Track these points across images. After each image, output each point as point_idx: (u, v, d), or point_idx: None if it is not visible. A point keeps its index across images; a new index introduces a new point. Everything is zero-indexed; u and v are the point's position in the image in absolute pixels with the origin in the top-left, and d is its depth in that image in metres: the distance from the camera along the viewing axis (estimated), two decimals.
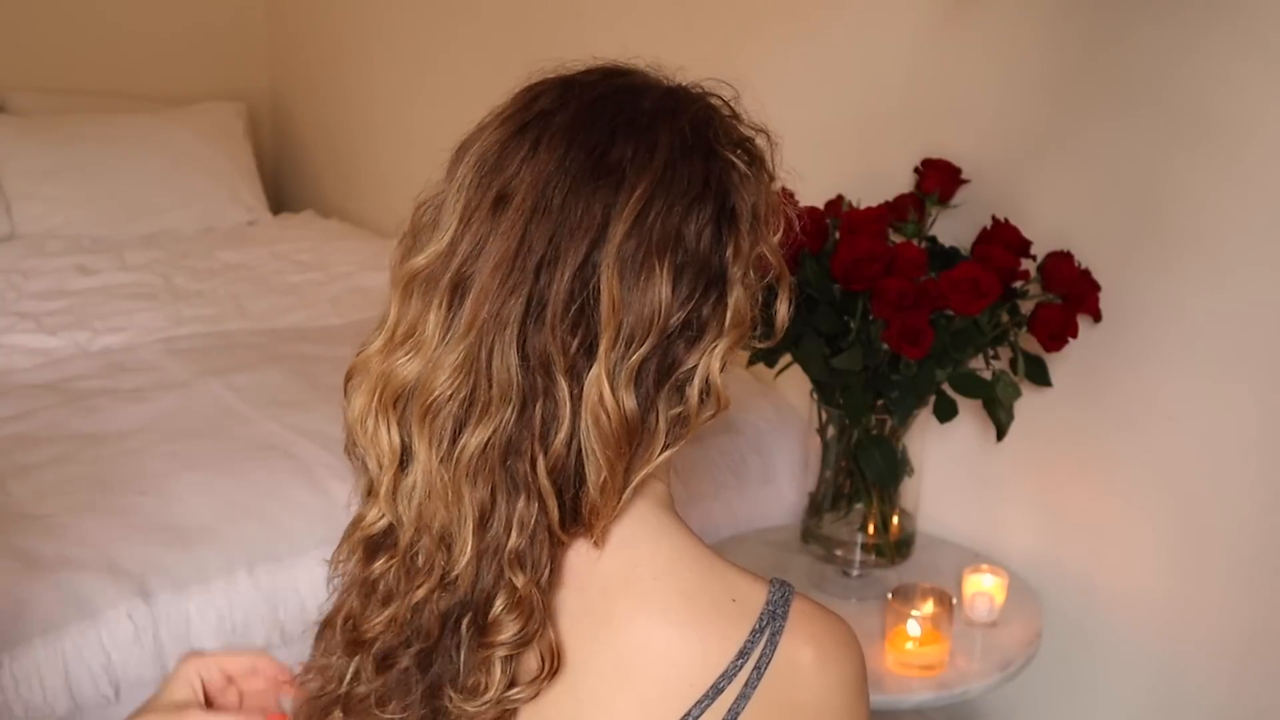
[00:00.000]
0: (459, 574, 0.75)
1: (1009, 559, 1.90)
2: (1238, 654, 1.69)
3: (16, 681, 1.49)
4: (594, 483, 0.74)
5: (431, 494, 0.75)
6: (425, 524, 0.76)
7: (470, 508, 0.74)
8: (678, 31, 2.29)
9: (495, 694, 0.75)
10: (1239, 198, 1.59)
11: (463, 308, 0.73)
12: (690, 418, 0.76)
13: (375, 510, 0.79)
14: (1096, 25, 1.71)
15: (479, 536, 0.74)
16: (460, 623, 0.75)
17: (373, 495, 0.79)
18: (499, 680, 0.75)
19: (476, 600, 0.75)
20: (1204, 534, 1.70)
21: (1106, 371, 1.77)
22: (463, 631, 0.75)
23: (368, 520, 0.79)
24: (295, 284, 2.82)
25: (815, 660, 0.77)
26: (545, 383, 0.72)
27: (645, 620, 0.77)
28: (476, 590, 0.75)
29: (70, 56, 3.42)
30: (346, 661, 0.80)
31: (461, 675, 0.76)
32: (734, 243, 0.75)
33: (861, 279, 1.60)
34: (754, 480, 2.11)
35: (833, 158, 1.94)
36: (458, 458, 0.73)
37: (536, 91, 0.78)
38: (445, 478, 0.74)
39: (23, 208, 3.07)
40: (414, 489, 0.75)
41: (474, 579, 0.74)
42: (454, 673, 0.76)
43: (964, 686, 1.63)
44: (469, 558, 0.74)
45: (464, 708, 0.76)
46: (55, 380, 2.20)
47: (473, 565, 0.74)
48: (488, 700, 0.75)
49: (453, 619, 0.76)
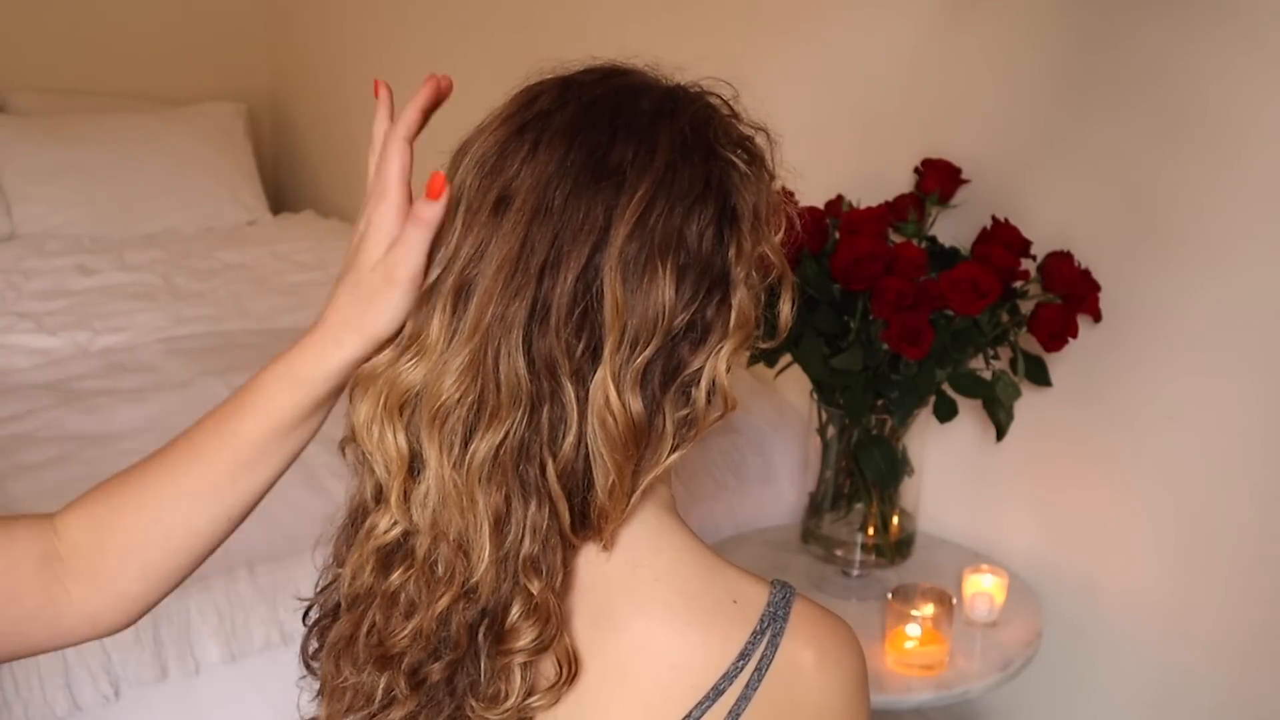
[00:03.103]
0: (479, 581, 0.73)
1: (1009, 559, 1.90)
2: (1238, 654, 1.69)
3: (16, 681, 1.49)
4: (602, 486, 0.73)
5: (446, 500, 0.73)
6: (442, 531, 0.74)
7: (485, 513, 0.73)
8: (677, 31, 2.29)
9: (515, 701, 0.75)
10: (1239, 197, 1.59)
11: (467, 311, 0.72)
12: (698, 419, 0.76)
13: (387, 519, 0.77)
14: (1096, 25, 1.71)
15: (496, 542, 0.73)
16: (478, 631, 0.75)
17: (383, 502, 0.77)
18: (519, 688, 0.74)
19: (494, 608, 0.74)
20: (1204, 534, 1.70)
21: (1106, 371, 1.77)
22: (479, 640, 0.75)
23: (380, 529, 0.77)
24: (295, 284, 2.82)
25: (816, 662, 0.76)
26: (552, 386, 0.72)
27: (646, 621, 0.77)
28: (494, 598, 0.74)
29: (70, 56, 3.42)
30: (377, 678, 0.78)
31: (482, 684, 0.75)
32: (736, 243, 0.75)
33: (861, 279, 1.60)
34: (754, 480, 2.11)
35: (833, 158, 1.94)
36: (469, 463, 0.72)
37: (535, 92, 0.77)
38: (459, 483, 0.73)
39: (23, 208, 3.08)
40: (427, 495, 0.74)
41: (493, 586, 0.74)
42: (474, 682, 0.75)
43: (964, 686, 1.63)
44: (487, 564, 0.73)
45: (486, 716, 0.75)
46: (55, 380, 2.20)
47: (490, 572, 0.73)
48: (508, 708, 0.75)
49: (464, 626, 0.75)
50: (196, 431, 0.79)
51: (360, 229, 0.78)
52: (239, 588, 1.67)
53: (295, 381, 0.76)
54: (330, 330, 0.76)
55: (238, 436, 0.77)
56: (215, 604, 1.64)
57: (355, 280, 0.76)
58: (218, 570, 1.67)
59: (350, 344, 0.75)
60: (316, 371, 0.76)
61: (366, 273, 0.75)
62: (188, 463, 0.78)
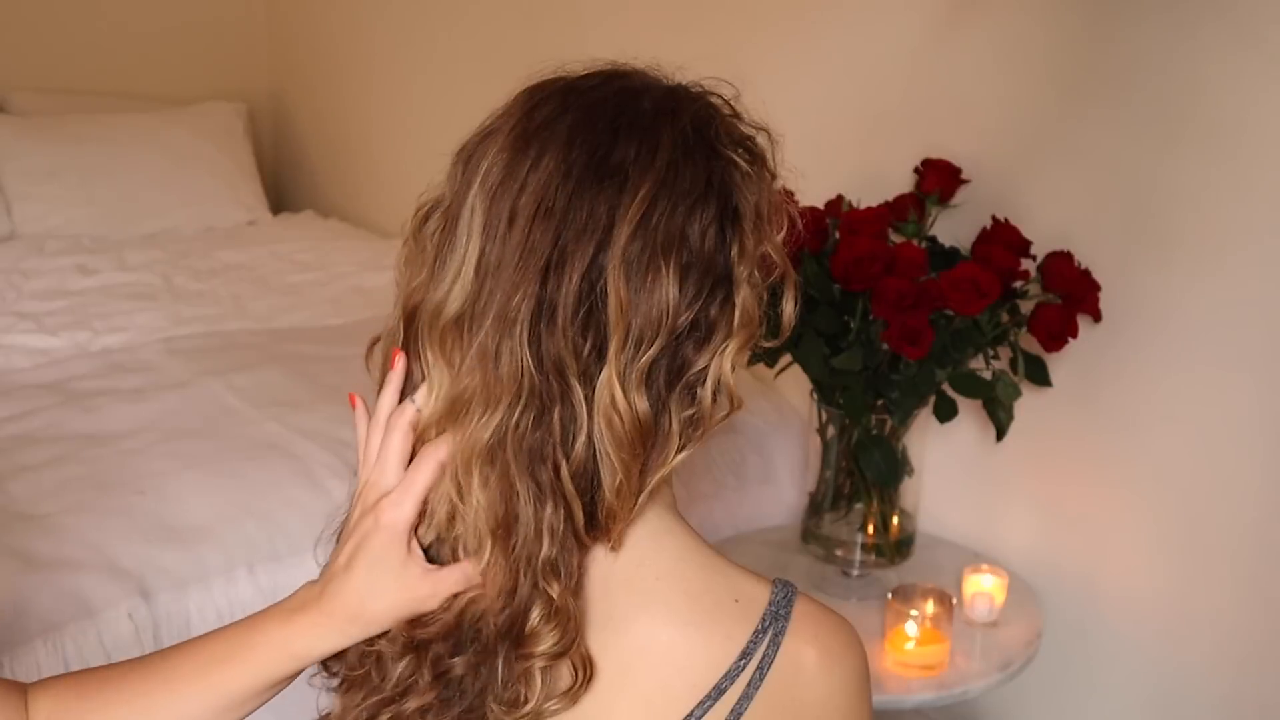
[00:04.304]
0: (486, 579, 0.74)
1: (1009, 559, 1.90)
2: (1238, 654, 1.69)
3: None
4: (610, 486, 0.73)
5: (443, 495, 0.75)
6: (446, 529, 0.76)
7: (481, 506, 0.73)
8: (677, 31, 2.29)
9: (534, 705, 0.75)
10: (1238, 197, 1.59)
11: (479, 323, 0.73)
12: (704, 419, 0.76)
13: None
14: (1095, 25, 1.71)
15: (501, 543, 0.73)
16: (500, 633, 0.75)
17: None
18: (538, 691, 0.75)
19: (515, 610, 0.74)
20: (1204, 533, 1.70)
21: (1106, 371, 1.77)
22: (499, 642, 0.75)
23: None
24: (295, 284, 2.82)
25: (818, 660, 0.77)
26: (561, 387, 0.72)
27: (648, 620, 0.77)
28: (515, 600, 0.74)
29: (70, 56, 3.42)
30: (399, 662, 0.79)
31: (499, 687, 0.75)
32: (738, 242, 0.75)
33: (861, 279, 1.60)
34: (754, 480, 2.11)
35: (833, 158, 1.94)
36: (466, 452, 0.73)
37: (537, 99, 0.77)
38: (458, 473, 0.74)
39: (23, 208, 3.08)
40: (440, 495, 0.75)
41: (511, 588, 0.74)
42: (493, 684, 0.76)
43: (964, 686, 1.63)
44: (489, 561, 0.74)
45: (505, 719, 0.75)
46: (55, 380, 2.20)
47: (502, 572, 0.74)
48: (527, 712, 0.75)
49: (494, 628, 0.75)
50: (183, 662, 0.79)
51: (356, 510, 0.78)
52: (239, 588, 1.67)
53: (291, 656, 0.78)
54: (336, 622, 0.77)
55: (222, 687, 0.78)
56: (215, 604, 1.65)
57: (369, 560, 0.76)
58: (218, 570, 1.67)
59: (352, 635, 0.77)
60: (314, 651, 0.78)
61: (378, 550, 0.76)
62: (166, 694, 0.79)
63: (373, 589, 0.75)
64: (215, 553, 1.68)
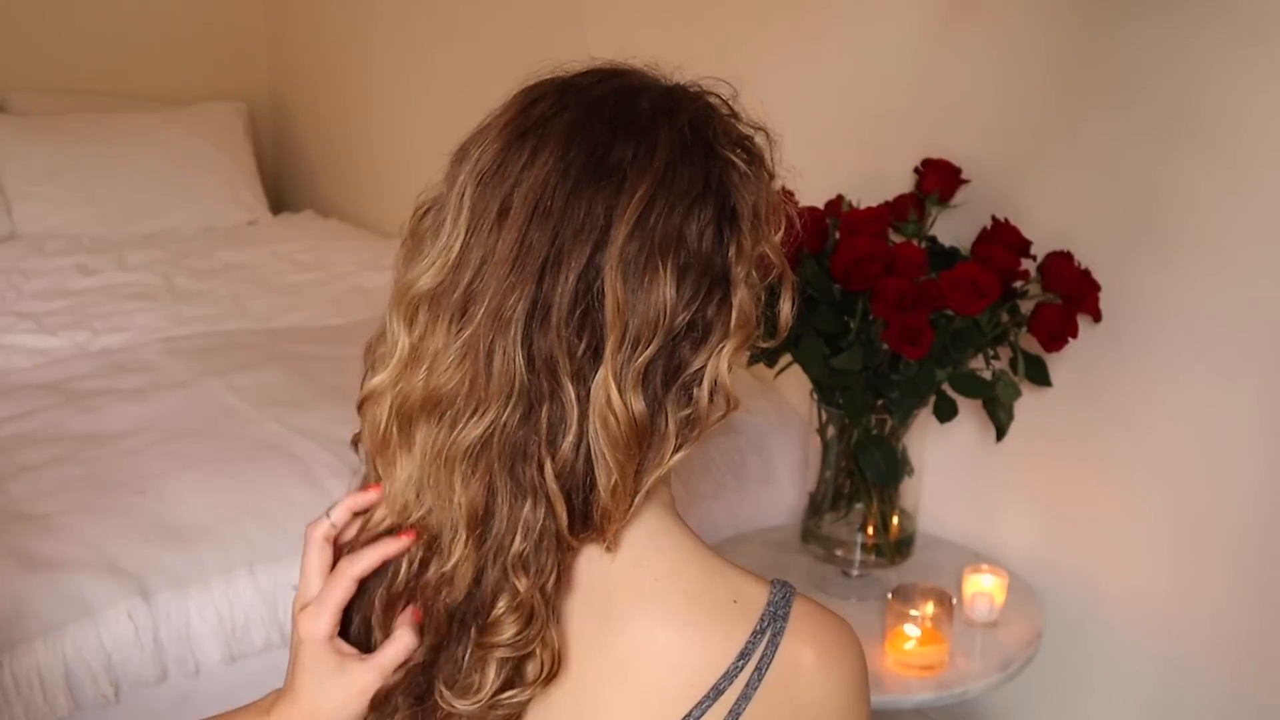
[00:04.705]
0: (455, 573, 0.75)
1: (1009, 559, 1.90)
2: (1238, 654, 1.69)
3: (16, 681, 1.49)
4: (605, 486, 0.74)
5: (422, 491, 0.75)
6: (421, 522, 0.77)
7: (462, 504, 0.74)
8: (676, 31, 2.29)
9: (487, 695, 0.75)
10: (1239, 197, 1.59)
11: (468, 318, 0.73)
12: (700, 419, 0.76)
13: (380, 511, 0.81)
14: (1095, 25, 1.71)
15: (475, 537, 0.74)
16: (463, 620, 0.76)
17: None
18: (492, 681, 0.75)
19: (480, 600, 0.75)
20: (1204, 533, 1.70)
21: (1106, 371, 1.77)
22: (469, 630, 0.76)
23: (373, 522, 0.81)
24: (295, 284, 2.82)
25: (816, 661, 0.77)
26: (551, 386, 0.72)
27: (646, 621, 0.77)
28: (480, 590, 0.75)
29: (70, 56, 3.42)
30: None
31: (458, 673, 0.76)
32: (736, 242, 0.75)
33: (861, 279, 1.60)
34: (754, 480, 2.11)
35: (833, 158, 1.94)
36: (450, 451, 0.73)
37: (534, 96, 0.77)
38: (439, 470, 0.74)
39: (23, 208, 3.08)
40: (408, 483, 0.76)
41: (477, 579, 0.75)
42: (453, 670, 0.76)
43: (964, 686, 1.63)
44: (459, 558, 0.74)
45: (454, 704, 0.76)
46: (55, 380, 2.20)
47: (471, 565, 0.75)
48: (479, 701, 0.75)
49: (460, 616, 0.76)
50: None
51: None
52: (239, 588, 1.67)
53: None
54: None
55: None
56: (215, 605, 1.65)
57: (303, 671, 0.79)
58: (218, 570, 1.67)
59: None
60: None
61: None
62: None
63: (316, 696, 0.79)
64: (215, 553, 1.68)
